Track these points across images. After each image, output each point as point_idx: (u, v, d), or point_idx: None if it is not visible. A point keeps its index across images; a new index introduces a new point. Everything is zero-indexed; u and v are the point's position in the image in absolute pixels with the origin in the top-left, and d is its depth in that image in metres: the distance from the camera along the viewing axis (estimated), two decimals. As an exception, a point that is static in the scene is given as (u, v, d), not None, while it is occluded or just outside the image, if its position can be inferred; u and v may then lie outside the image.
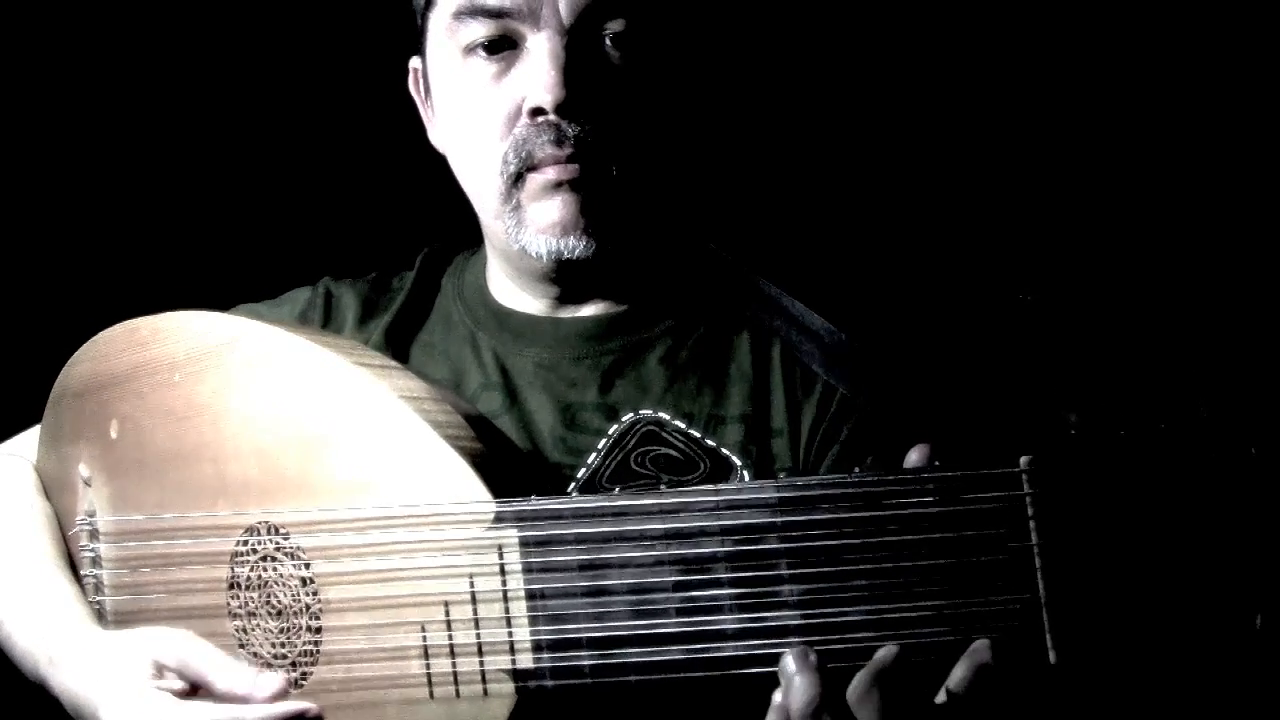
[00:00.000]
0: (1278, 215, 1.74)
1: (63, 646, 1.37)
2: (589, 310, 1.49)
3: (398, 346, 1.52)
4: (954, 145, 1.95)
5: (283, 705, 1.25)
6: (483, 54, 1.40)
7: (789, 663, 1.07)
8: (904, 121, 1.97)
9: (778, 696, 1.07)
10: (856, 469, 1.07)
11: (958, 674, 1.04)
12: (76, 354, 1.49)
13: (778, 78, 2.01)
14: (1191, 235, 1.77)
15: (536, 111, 1.37)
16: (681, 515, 1.12)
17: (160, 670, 1.29)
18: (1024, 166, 1.91)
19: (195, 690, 1.29)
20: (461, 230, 1.58)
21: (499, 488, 1.21)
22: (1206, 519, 1.00)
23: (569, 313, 1.50)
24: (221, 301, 1.51)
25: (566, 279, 1.46)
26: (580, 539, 1.16)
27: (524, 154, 1.38)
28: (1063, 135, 1.90)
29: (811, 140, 2.00)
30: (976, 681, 1.03)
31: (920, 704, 1.05)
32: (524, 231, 1.40)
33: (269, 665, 1.32)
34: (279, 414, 1.32)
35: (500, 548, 1.19)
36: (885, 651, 1.05)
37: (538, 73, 1.36)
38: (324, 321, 1.57)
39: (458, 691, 1.22)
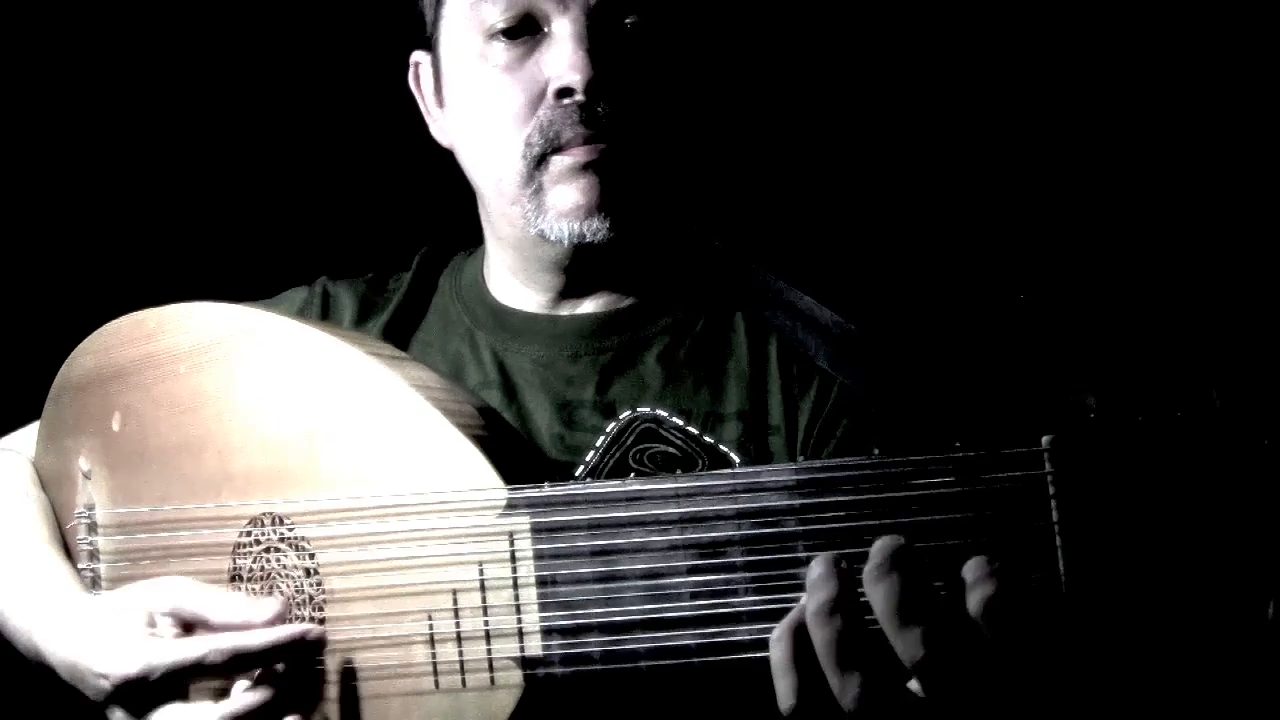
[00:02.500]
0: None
1: (54, 615, 1.36)
2: (587, 308, 1.50)
3: (395, 345, 1.52)
4: (964, 137, 1.96)
5: (285, 629, 1.24)
6: (503, 40, 1.41)
7: (815, 567, 1.06)
8: (912, 114, 1.98)
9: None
10: (875, 450, 1.07)
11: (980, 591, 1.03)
12: (80, 346, 1.49)
13: (787, 72, 2.02)
14: (1211, 229, 1.79)
15: (564, 92, 1.37)
16: (698, 499, 1.12)
17: (154, 620, 1.28)
18: (1042, 154, 1.92)
19: (191, 631, 1.28)
20: (459, 230, 1.58)
21: (511, 475, 1.21)
22: (1221, 507, 1.00)
23: (567, 310, 1.50)
24: (220, 298, 1.51)
25: (576, 267, 1.47)
26: (594, 524, 1.16)
27: (551, 135, 1.38)
28: (1085, 120, 1.91)
29: (818, 134, 2.01)
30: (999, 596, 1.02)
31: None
32: (544, 216, 1.41)
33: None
34: (288, 404, 1.32)
35: (511, 535, 1.19)
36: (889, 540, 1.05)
37: (564, 53, 1.37)
38: (320, 320, 1.57)
39: (464, 681, 1.21)
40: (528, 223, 1.42)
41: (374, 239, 1.85)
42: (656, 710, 1.21)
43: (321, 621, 1.28)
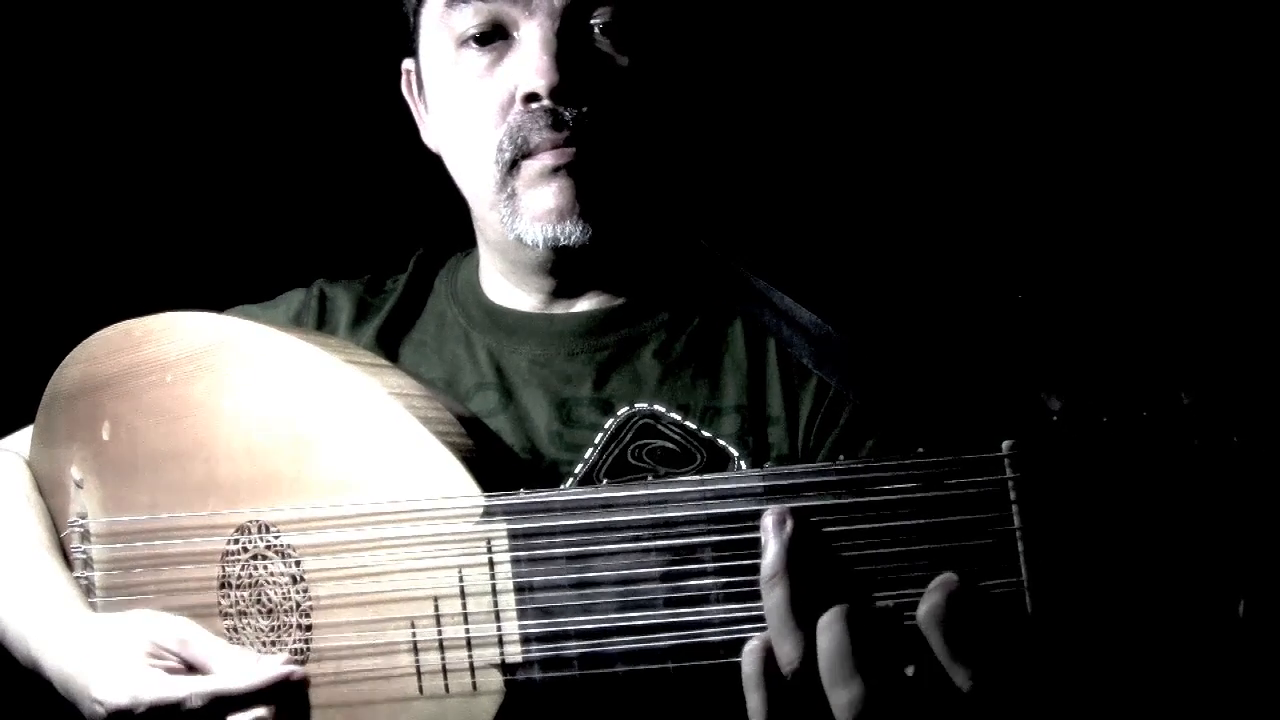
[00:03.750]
0: (1257, 204, 1.75)
1: (54, 628, 1.38)
2: (581, 306, 1.50)
3: (388, 347, 1.53)
4: (938, 139, 1.96)
5: (268, 671, 1.25)
6: (474, 46, 1.41)
7: (765, 518, 1.07)
8: (891, 116, 1.98)
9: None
10: (841, 456, 1.07)
11: (930, 599, 1.03)
12: (69, 356, 1.50)
13: (768, 70, 2.02)
14: (1174, 224, 1.77)
15: (530, 97, 1.38)
16: (668, 505, 1.12)
17: (157, 650, 1.30)
18: (1003, 157, 1.92)
19: (190, 671, 1.30)
20: (455, 232, 1.59)
21: (489, 483, 1.22)
22: (1189, 506, 1.00)
23: (561, 309, 1.50)
24: (217, 303, 1.52)
25: (562, 269, 1.47)
26: (568, 531, 1.16)
27: (519, 140, 1.39)
28: (1045, 128, 1.90)
29: (800, 134, 2.01)
30: (949, 610, 1.02)
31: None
32: (519, 220, 1.41)
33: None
34: (271, 413, 1.33)
35: (489, 541, 1.19)
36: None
37: (530, 59, 1.37)
38: (318, 323, 1.58)
39: (447, 687, 1.22)
40: (505, 227, 1.43)
41: (370, 241, 1.86)
42: (635, 713, 1.22)
43: (308, 628, 1.29)
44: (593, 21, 1.39)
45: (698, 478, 1.12)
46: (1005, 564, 1.02)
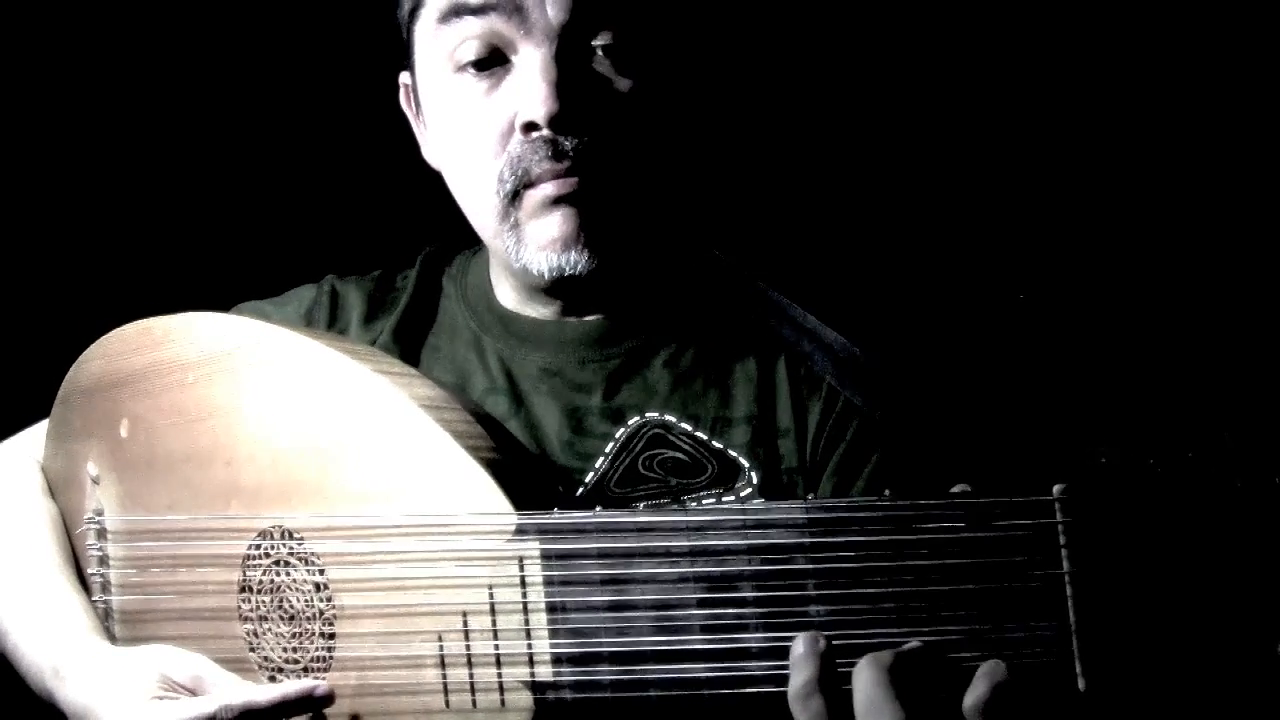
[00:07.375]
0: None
1: (69, 658, 1.36)
2: (593, 314, 1.49)
3: (407, 346, 1.51)
4: (969, 156, 1.95)
5: (294, 685, 1.25)
6: (472, 71, 1.38)
7: (797, 645, 1.06)
8: (914, 128, 1.97)
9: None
10: (887, 491, 1.07)
11: (976, 690, 1.03)
12: (87, 351, 1.48)
13: (786, 86, 2.00)
14: (1219, 262, 1.77)
15: (530, 127, 1.35)
16: (708, 533, 1.12)
17: (169, 684, 1.28)
18: (1046, 181, 1.91)
19: None
20: (462, 230, 1.57)
21: (519, 498, 1.21)
22: (1233, 547, 1.00)
23: (574, 317, 1.49)
24: (225, 299, 1.51)
25: (568, 293, 1.46)
26: (603, 554, 1.15)
27: (520, 171, 1.36)
28: (1085, 150, 1.89)
29: (821, 148, 2.00)
30: (994, 701, 1.03)
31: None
32: (524, 250, 1.39)
33: (280, 670, 1.32)
34: (296, 419, 1.32)
35: (521, 559, 1.19)
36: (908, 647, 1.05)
37: (529, 87, 1.34)
38: (329, 320, 1.57)
39: (474, 701, 1.22)
40: (510, 257, 1.40)
41: (379, 237, 1.84)
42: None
43: (331, 637, 1.29)
44: (594, 43, 1.35)
45: (739, 506, 1.12)
46: (1051, 607, 1.02)
